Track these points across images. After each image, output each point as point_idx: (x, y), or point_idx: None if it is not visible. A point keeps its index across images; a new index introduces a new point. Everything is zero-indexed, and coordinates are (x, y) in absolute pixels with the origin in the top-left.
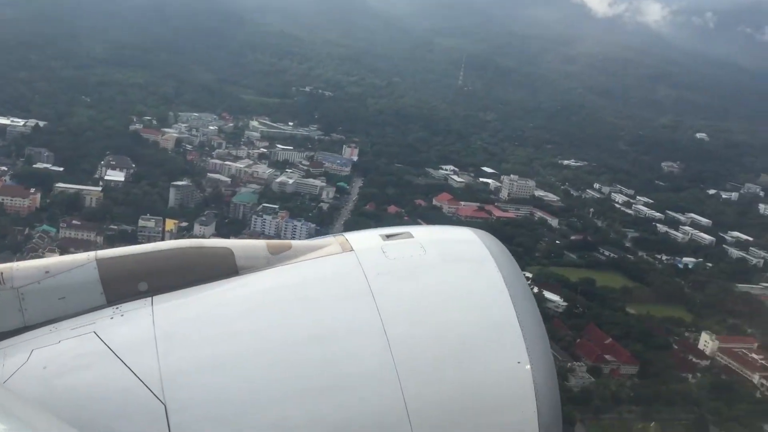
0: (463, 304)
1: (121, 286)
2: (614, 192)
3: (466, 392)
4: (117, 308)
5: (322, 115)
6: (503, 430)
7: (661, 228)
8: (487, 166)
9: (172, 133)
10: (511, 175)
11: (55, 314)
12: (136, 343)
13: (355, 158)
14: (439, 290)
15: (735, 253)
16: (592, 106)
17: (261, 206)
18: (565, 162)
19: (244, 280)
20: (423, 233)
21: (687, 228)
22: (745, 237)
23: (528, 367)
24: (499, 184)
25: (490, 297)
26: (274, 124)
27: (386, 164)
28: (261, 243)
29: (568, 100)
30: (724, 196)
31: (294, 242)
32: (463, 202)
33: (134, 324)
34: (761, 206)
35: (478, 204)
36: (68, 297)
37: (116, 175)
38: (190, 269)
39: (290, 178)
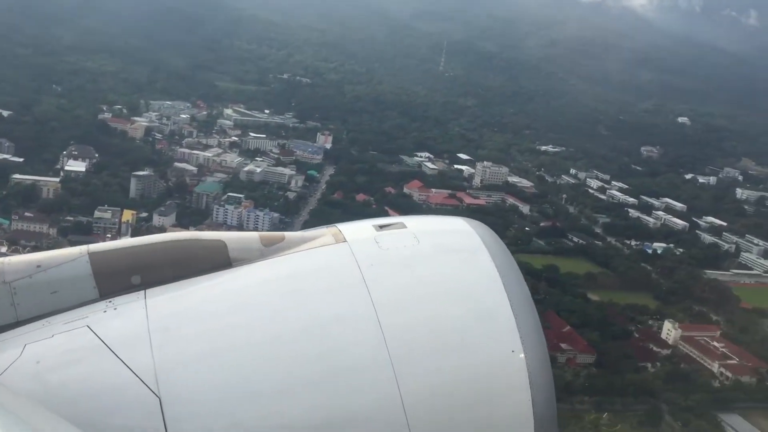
0: (457, 294)
1: (114, 280)
2: (590, 177)
3: (460, 381)
4: (110, 302)
5: (298, 102)
6: (498, 419)
7: (634, 213)
8: (464, 153)
9: (141, 121)
10: (485, 162)
11: (48, 309)
12: (129, 337)
13: (329, 146)
14: (432, 280)
15: (708, 238)
16: (573, 91)
17: (226, 196)
18: (543, 148)
19: (238, 273)
20: (416, 223)
21: (660, 213)
22: (719, 222)
23: (522, 355)
24: (473, 171)
25: (484, 286)
26: (249, 112)
27: (360, 152)
28: (254, 235)
29: (549, 85)
30: (701, 181)
31: (287, 234)
32: (434, 190)
33: (128, 317)
34: (738, 191)
35: (449, 191)
36: (60, 291)
37: (77, 166)
38: (183, 262)
39: (258, 166)
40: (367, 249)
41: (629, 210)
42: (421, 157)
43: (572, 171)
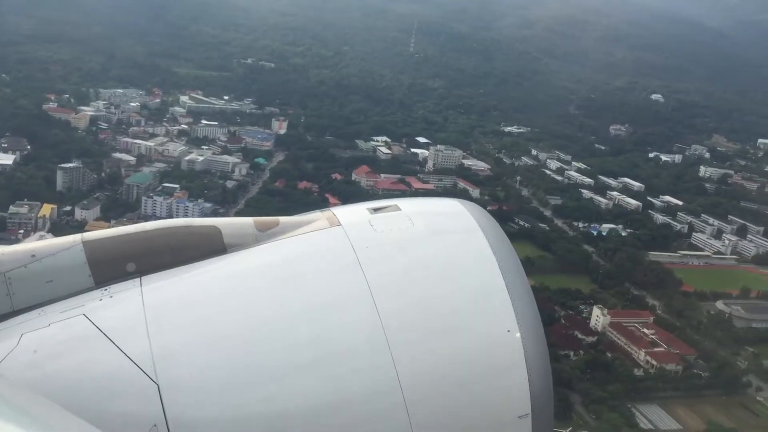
0: (452, 274)
1: (109, 268)
2: (550, 158)
3: (457, 361)
4: (105, 290)
5: (260, 87)
6: (495, 398)
7: (587, 194)
8: (423, 136)
9: (88, 111)
10: (438, 146)
11: (44, 298)
12: (126, 324)
13: (283, 132)
14: (427, 262)
15: (660, 218)
16: (546, 71)
17: (161, 186)
18: (507, 129)
19: (233, 258)
20: (410, 206)
21: (614, 194)
22: (675, 202)
23: (518, 335)
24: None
25: (479, 267)
26: (206, 99)
27: (316, 137)
28: (248, 220)
29: (522, 65)
30: (664, 159)
31: (281, 218)
32: (383, 175)
33: (124, 305)
34: (702, 169)
35: (399, 176)
36: (56, 280)
37: (4, 159)
38: (178, 249)
39: (201, 155)
40: (362, 232)
41: (583, 191)
42: (377, 141)
43: (533, 152)
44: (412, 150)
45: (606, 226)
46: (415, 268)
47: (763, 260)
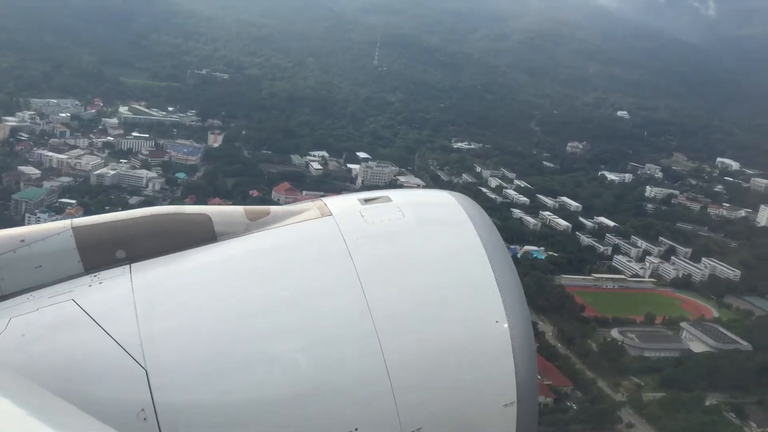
0: (442, 265)
1: (99, 254)
2: (494, 176)
3: (445, 350)
4: (95, 276)
5: (208, 99)
6: (482, 386)
7: (518, 214)
8: (367, 151)
9: (10, 121)
10: (369, 162)
11: (32, 283)
12: (115, 310)
13: (217, 145)
14: (417, 253)
15: (586, 240)
16: (514, 85)
17: (57, 202)
18: (457, 145)
19: (223, 246)
20: (401, 197)
21: (546, 214)
22: (608, 222)
23: (506, 325)
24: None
25: (469, 258)
26: (147, 110)
27: (253, 150)
28: (239, 209)
29: (490, 79)
30: (612, 179)
31: (272, 208)
32: (305, 192)
33: (113, 291)
34: (648, 188)
35: (322, 193)
36: (45, 265)
37: None
38: (168, 236)
39: (114, 169)
40: (353, 222)
41: (515, 210)
42: (313, 156)
43: (478, 169)
44: (349, 165)
45: (530, 248)
46: (405, 258)
47: (681, 284)
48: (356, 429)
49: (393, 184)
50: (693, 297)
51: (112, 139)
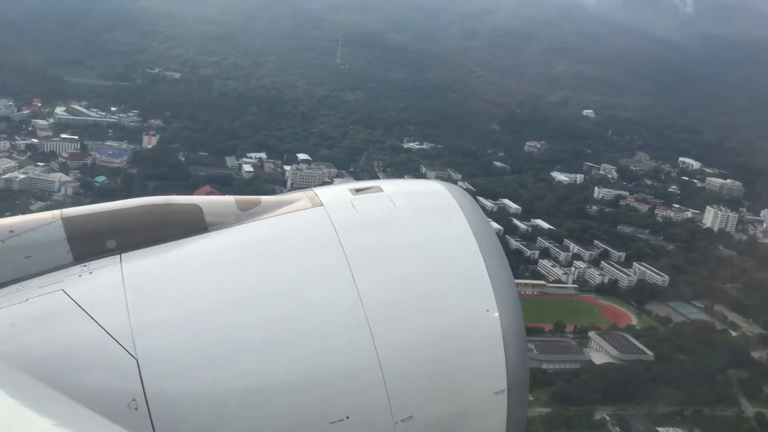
0: (433, 255)
1: (89, 244)
2: (439, 177)
3: (436, 339)
4: (85, 266)
5: (154, 99)
6: (472, 375)
7: None
8: (313, 152)
9: None
10: (300, 164)
11: (21, 273)
12: (105, 300)
13: (150, 146)
14: (409, 243)
15: (515, 244)
16: (480, 84)
17: None
18: (407, 145)
19: (214, 237)
20: (392, 187)
21: None
22: (546, 225)
23: (496, 314)
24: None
25: (460, 248)
26: (86, 111)
27: (190, 152)
28: (230, 199)
29: (455, 77)
30: (561, 179)
31: (263, 198)
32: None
33: (103, 281)
34: (596, 190)
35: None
36: (34, 256)
37: None
38: (159, 226)
39: (26, 173)
40: (344, 212)
41: None
42: (250, 158)
43: (423, 170)
44: (286, 168)
45: None
46: (396, 248)
47: (606, 290)
48: (348, 417)
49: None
50: (616, 303)
51: (36, 141)
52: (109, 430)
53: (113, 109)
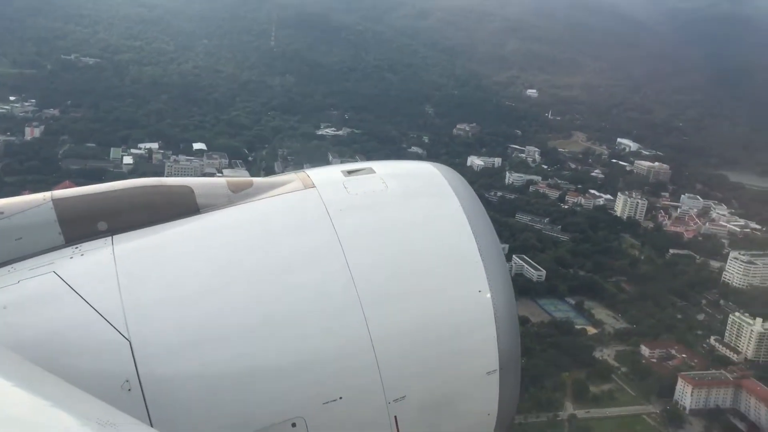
0: (425, 236)
1: (80, 226)
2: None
3: (428, 320)
4: (76, 248)
5: (61, 87)
6: (464, 356)
7: None
8: (211, 141)
9: None
10: (180, 155)
11: (13, 255)
12: (97, 282)
13: (31, 138)
14: (401, 224)
15: None
16: (423, 65)
17: None
18: (321, 131)
19: (206, 219)
20: (384, 168)
21: None
22: None
23: (488, 295)
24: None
25: (452, 229)
26: None
27: (77, 143)
28: (221, 181)
29: (397, 58)
30: (478, 163)
31: (255, 180)
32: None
33: (95, 263)
34: (507, 175)
35: None
36: (25, 237)
37: None
38: (150, 208)
39: None
40: (336, 194)
41: None
42: (140, 149)
43: (330, 158)
44: (174, 158)
45: None
46: (388, 229)
47: None
48: (341, 398)
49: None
50: None
51: None
52: (103, 411)
53: (12, 98)
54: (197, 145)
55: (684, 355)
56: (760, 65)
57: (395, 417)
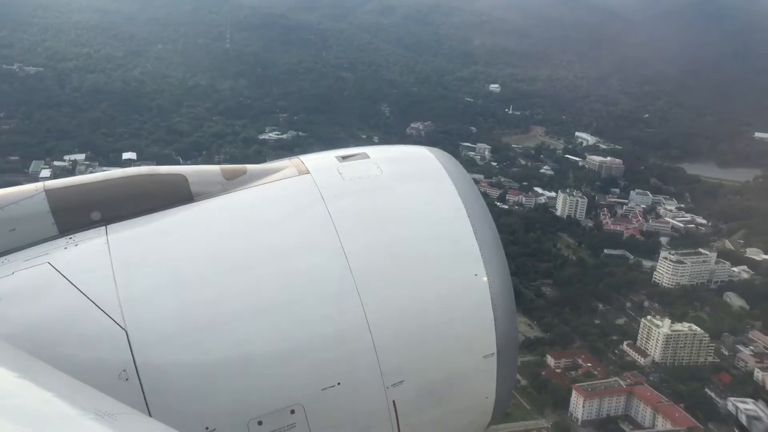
0: (421, 220)
1: (73, 216)
2: None
3: (425, 305)
4: (70, 238)
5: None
6: (461, 340)
7: None
8: (140, 150)
9: None
10: (107, 166)
11: (6, 246)
12: (92, 272)
13: None
14: (396, 209)
15: None
16: (385, 63)
17: None
18: (264, 136)
19: (200, 206)
20: (378, 153)
21: None
22: None
23: (485, 279)
24: None
25: (447, 213)
26: None
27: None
28: (215, 168)
29: (357, 57)
30: None
31: (249, 167)
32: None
33: (89, 253)
34: None
35: None
36: (18, 228)
37: None
38: (144, 197)
39: None
40: (330, 180)
41: None
42: (64, 161)
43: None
44: (101, 170)
45: None
46: (384, 214)
47: None
48: (339, 383)
49: None
50: None
51: None
52: (101, 401)
53: None
54: (127, 155)
55: (589, 364)
56: (732, 53)
57: (394, 401)
